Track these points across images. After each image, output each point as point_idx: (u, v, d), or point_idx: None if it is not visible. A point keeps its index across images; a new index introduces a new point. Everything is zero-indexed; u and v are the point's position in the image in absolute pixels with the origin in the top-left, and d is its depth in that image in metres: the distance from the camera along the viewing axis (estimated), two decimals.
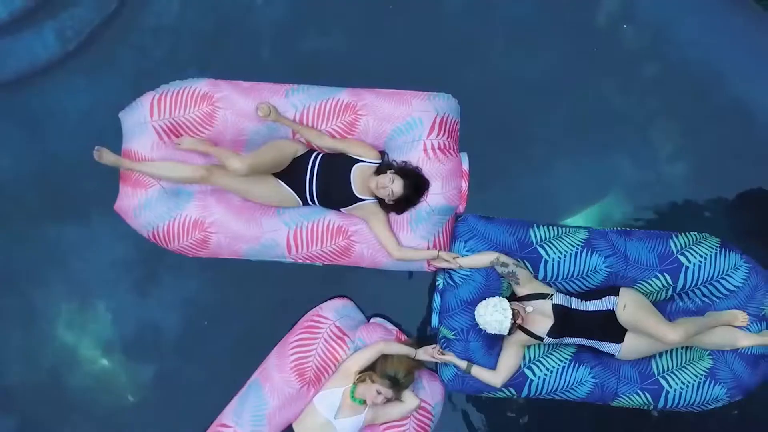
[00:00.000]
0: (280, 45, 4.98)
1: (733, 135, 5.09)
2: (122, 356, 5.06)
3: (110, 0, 4.97)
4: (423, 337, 4.89)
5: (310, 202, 4.61)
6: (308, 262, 4.69)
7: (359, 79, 4.73)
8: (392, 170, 4.43)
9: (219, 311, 5.06)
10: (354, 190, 4.52)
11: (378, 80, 4.72)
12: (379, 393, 4.35)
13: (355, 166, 4.53)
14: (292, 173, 4.54)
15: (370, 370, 4.46)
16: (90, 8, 5.00)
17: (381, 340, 4.56)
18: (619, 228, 4.84)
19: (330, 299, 4.80)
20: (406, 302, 4.99)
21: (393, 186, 4.37)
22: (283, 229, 4.58)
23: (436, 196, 4.51)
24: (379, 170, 4.49)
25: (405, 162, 4.51)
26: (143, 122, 4.53)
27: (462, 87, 4.75)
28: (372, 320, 4.83)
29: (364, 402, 4.43)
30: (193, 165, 4.48)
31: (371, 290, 4.93)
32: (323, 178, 4.53)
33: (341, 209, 4.61)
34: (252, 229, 4.57)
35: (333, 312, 4.69)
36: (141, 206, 4.56)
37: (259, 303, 5.03)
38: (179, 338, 5.03)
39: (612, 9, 5.13)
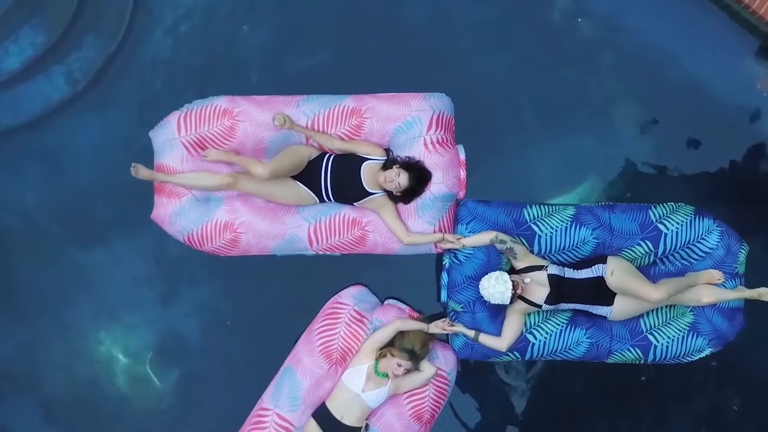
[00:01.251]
0: (268, 67, 5.17)
1: (688, 110, 5.25)
2: (152, 363, 5.24)
3: (111, 41, 5.18)
4: (433, 313, 5.04)
5: (326, 199, 4.81)
6: (328, 253, 4.89)
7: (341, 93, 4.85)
8: (397, 165, 4.65)
9: (236, 313, 5.25)
10: (364, 186, 4.73)
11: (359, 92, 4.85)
12: (399, 365, 4.58)
13: (364, 164, 4.74)
14: (308, 174, 4.74)
15: (390, 346, 4.69)
16: (93, 50, 5.20)
17: (396, 318, 4.78)
18: (602, 203, 5.01)
19: (346, 287, 5.01)
20: (415, 284, 5.21)
21: (399, 179, 4.60)
22: (303, 225, 4.79)
23: (438, 185, 4.73)
24: (386, 166, 4.69)
25: (408, 157, 4.73)
26: (172, 139, 4.72)
27: (439, 88, 4.90)
28: (386, 302, 5.04)
29: (387, 375, 4.64)
30: (219, 174, 4.69)
31: (383, 276, 5.14)
32: (336, 177, 4.73)
33: (354, 203, 4.81)
34: (276, 227, 4.77)
35: (350, 298, 4.91)
36: (176, 214, 4.75)
37: (273, 302, 5.22)
38: (202, 341, 5.24)
39: (566, 5, 5.30)
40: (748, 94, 5.24)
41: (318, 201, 4.85)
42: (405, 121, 4.76)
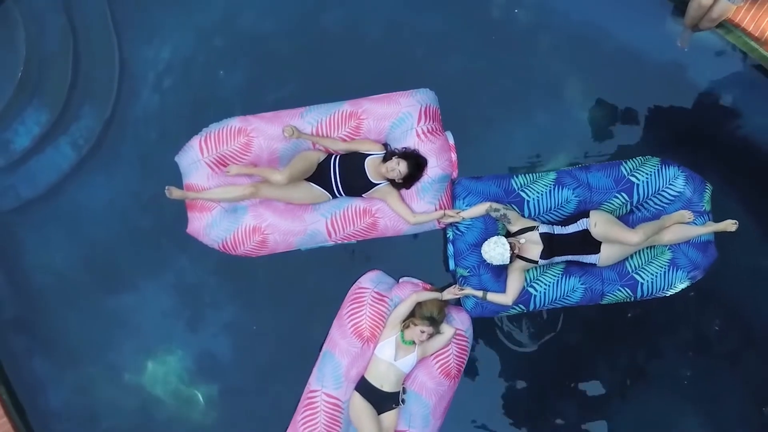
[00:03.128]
0: (249, 104, 5.35)
1: (627, 73, 5.53)
2: (192, 384, 5.53)
3: (106, 107, 5.50)
4: (444, 284, 5.33)
5: (337, 195, 5.16)
6: (345, 241, 5.25)
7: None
8: (396, 156, 4.99)
9: (259, 324, 5.53)
10: (370, 178, 5.09)
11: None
12: (422, 332, 4.95)
13: (367, 159, 5.10)
14: (319, 175, 5.10)
15: (411, 316, 5.05)
16: (92, 118, 5.52)
17: (413, 292, 5.13)
18: (579, 165, 5.30)
19: (363, 274, 5.35)
20: (423, 260, 5.54)
21: (399, 168, 4.95)
22: (321, 220, 5.15)
23: (433, 169, 5.10)
24: (386, 158, 5.03)
25: (405, 148, 5.07)
26: (196, 160, 5.09)
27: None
28: (401, 280, 5.39)
29: (413, 342, 5.02)
30: (242, 185, 5.04)
31: (394, 259, 5.47)
32: (344, 174, 5.09)
33: (363, 195, 5.17)
34: (298, 225, 5.13)
35: (369, 282, 5.29)
36: (209, 225, 5.13)
37: (292, 307, 5.50)
38: (233, 356, 5.53)
39: (500, 0, 5.58)
40: (673, 51, 5.50)
41: (331, 197, 5.20)
42: (398, 117, 5.13)
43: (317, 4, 5.59)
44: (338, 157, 5.18)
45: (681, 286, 5.28)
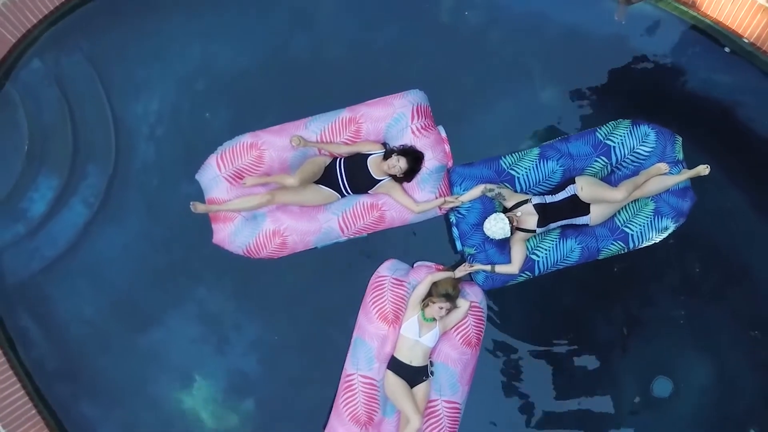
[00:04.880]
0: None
1: (576, 51, 5.87)
2: (228, 402, 5.75)
3: (108, 164, 5.83)
4: (454, 264, 5.63)
5: (345, 194, 5.45)
6: (358, 235, 5.53)
7: None
8: (396, 153, 5.26)
9: (281, 335, 5.75)
10: (373, 175, 5.39)
11: None
12: (441, 308, 5.23)
13: (369, 159, 5.38)
14: (327, 178, 5.40)
15: (429, 296, 5.33)
16: (97, 176, 5.82)
17: (428, 274, 5.41)
18: (558, 138, 5.57)
19: (380, 265, 5.61)
20: (432, 246, 5.81)
21: (399, 164, 5.25)
22: (334, 218, 5.44)
23: (430, 161, 5.39)
24: (386, 156, 5.31)
25: (402, 145, 5.34)
26: (215, 176, 5.39)
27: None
28: (415, 265, 5.66)
29: (434, 319, 5.29)
30: (259, 194, 5.34)
31: (406, 248, 5.77)
32: (350, 174, 5.39)
33: (368, 191, 5.46)
34: (313, 225, 5.42)
35: (387, 270, 5.58)
36: (233, 234, 5.41)
37: (309, 314, 5.73)
38: (262, 371, 5.74)
39: (449, 5, 5.89)
40: (613, 25, 5.86)
41: (340, 197, 5.49)
42: (393, 118, 5.43)
43: (282, 37, 5.90)
44: (343, 160, 5.48)
45: (667, 232, 5.56)
